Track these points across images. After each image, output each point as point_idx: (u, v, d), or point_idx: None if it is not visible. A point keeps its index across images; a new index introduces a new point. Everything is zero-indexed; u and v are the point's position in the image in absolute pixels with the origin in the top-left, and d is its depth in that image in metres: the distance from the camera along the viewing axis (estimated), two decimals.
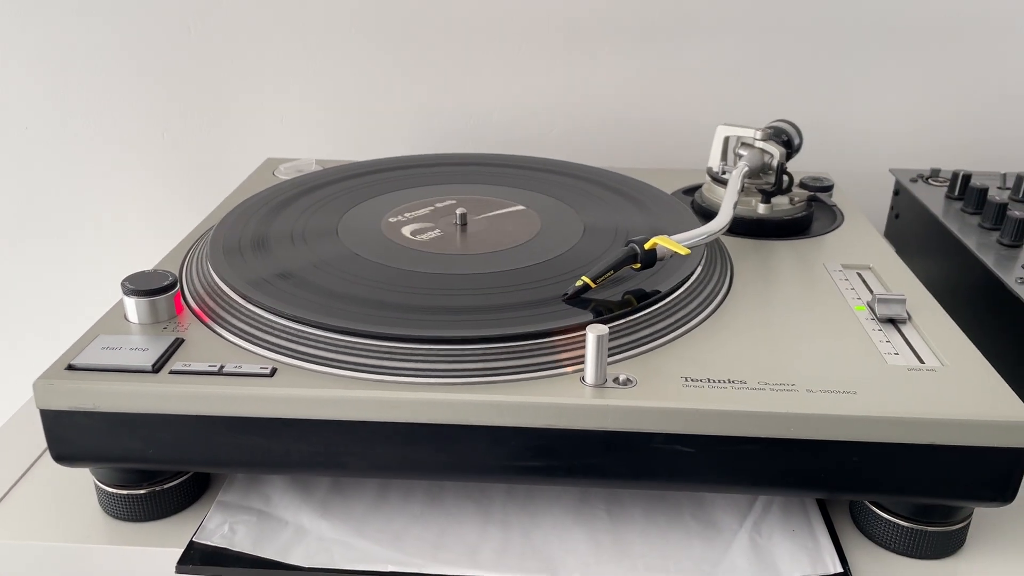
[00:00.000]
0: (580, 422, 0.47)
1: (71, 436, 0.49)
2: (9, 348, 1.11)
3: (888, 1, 0.90)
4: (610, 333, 0.48)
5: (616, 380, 0.48)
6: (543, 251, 0.62)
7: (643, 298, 0.54)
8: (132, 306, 0.53)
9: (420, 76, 0.95)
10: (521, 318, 0.52)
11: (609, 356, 0.49)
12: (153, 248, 0.93)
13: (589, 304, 0.53)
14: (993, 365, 0.51)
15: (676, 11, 0.91)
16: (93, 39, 0.94)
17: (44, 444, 0.56)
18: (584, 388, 0.47)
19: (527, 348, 0.49)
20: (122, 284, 0.53)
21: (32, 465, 0.57)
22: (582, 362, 0.48)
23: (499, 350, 0.49)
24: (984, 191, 0.73)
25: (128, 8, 0.93)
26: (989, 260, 0.64)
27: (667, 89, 0.94)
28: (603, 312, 0.52)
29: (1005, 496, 0.47)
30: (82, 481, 0.53)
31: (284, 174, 0.81)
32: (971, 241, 0.68)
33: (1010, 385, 0.49)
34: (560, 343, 0.50)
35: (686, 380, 0.48)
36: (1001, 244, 0.67)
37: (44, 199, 1.02)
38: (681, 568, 0.49)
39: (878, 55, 0.92)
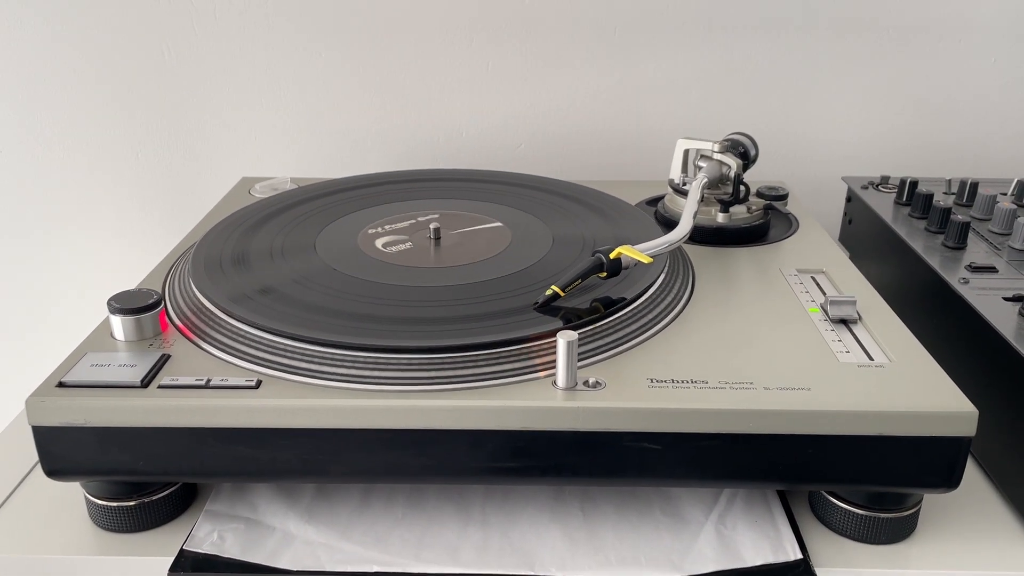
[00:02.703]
0: (553, 424, 0.49)
1: (63, 451, 0.50)
2: None
3: (838, 17, 0.94)
4: (579, 339, 0.50)
5: (586, 383, 0.50)
6: (514, 262, 0.64)
7: (610, 305, 0.57)
8: (119, 324, 0.55)
9: (390, 94, 0.98)
10: (495, 326, 0.54)
11: (579, 360, 0.51)
12: (131, 268, 0.94)
13: (559, 312, 0.56)
14: (939, 360, 0.54)
15: (636, 28, 0.94)
16: (67, 61, 0.95)
17: (33, 459, 0.58)
18: (556, 391, 0.50)
19: (501, 355, 0.52)
20: (108, 303, 0.55)
21: (22, 480, 0.58)
22: (554, 367, 0.51)
23: (474, 357, 0.52)
24: (930, 197, 0.77)
25: (102, 30, 0.94)
26: (934, 262, 0.68)
27: (629, 104, 0.98)
28: (572, 319, 0.55)
29: (951, 482, 0.50)
30: (72, 495, 0.55)
31: (260, 192, 0.83)
32: (918, 244, 0.71)
33: (954, 378, 0.52)
34: (532, 349, 0.52)
35: (652, 381, 0.51)
36: (945, 247, 0.70)
37: (20, 220, 1.02)
38: (652, 560, 0.51)
39: (829, 70, 0.96)
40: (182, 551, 0.51)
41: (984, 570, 0.51)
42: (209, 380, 0.51)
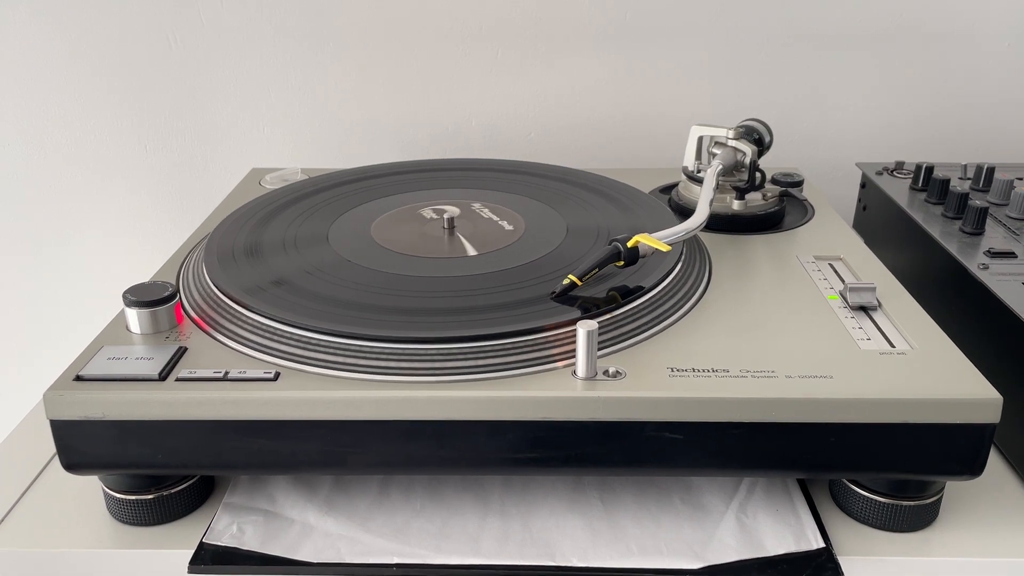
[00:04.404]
0: (573, 414, 0.49)
1: (81, 445, 0.50)
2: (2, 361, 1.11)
3: (852, 4, 0.93)
4: (598, 328, 0.50)
5: (606, 373, 0.50)
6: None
7: (628, 294, 0.56)
8: (134, 317, 0.54)
9: (399, 84, 0.97)
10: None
11: (598, 350, 0.51)
12: (142, 261, 0.94)
13: (576, 301, 0.56)
14: (959, 346, 0.54)
15: (648, 15, 0.94)
16: (74, 54, 0.95)
17: (50, 453, 0.58)
18: (576, 381, 0.50)
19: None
20: (124, 296, 0.55)
21: (39, 474, 0.58)
22: (573, 357, 0.51)
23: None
24: (946, 182, 0.76)
25: (109, 21, 0.94)
26: (952, 248, 0.67)
27: (641, 91, 0.97)
28: (590, 308, 0.55)
29: (974, 470, 0.50)
30: (90, 488, 0.55)
31: (271, 184, 0.83)
32: (935, 230, 0.71)
33: (975, 364, 0.51)
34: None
35: (672, 371, 0.50)
36: (963, 232, 0.70)
37: (29, 215, 1.02)
38: (673, 549, 0.51)
39: (843, 56, 0.95)
40: (202, 544, 0.51)
41: (1007, 557, 0.51)
42: (227, 372, 0.50)
